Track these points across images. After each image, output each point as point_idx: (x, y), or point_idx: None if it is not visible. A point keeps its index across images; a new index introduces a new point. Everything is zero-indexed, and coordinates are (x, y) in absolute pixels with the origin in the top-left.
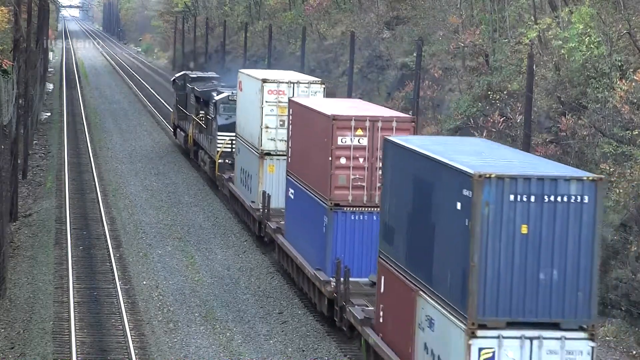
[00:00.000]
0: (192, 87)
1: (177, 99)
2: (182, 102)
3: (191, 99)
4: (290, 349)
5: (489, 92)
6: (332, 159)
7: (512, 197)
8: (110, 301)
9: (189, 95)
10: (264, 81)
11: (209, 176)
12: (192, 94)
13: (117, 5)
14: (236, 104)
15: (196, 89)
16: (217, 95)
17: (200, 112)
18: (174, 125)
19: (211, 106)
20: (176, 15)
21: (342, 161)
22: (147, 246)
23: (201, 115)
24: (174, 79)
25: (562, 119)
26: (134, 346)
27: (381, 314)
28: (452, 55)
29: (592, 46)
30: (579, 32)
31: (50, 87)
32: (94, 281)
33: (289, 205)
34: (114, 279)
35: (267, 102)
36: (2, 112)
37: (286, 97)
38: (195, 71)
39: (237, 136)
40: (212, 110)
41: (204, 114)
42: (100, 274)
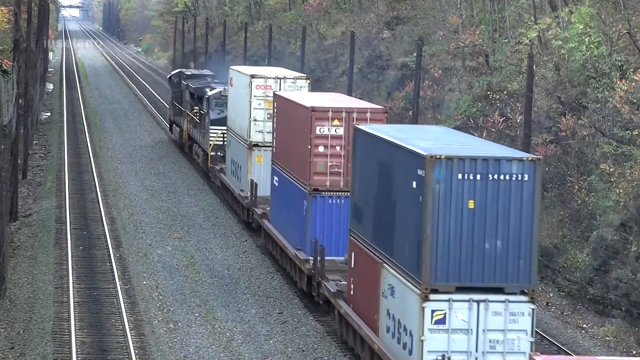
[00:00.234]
0: (187, 84)
1: (173, 95)
2: (178, 99)
3: (186, 96)
4: (290, 349)
5: (489, 92)
6: (311, 147)
7: (460, 176)
8: (110, 301)
9: (184, 91)
10: (252, 77)
11: (202, 168)
12: (187, 90)
13: (117, 5)
14: (227, 99)
15: (191, 86)
16: (210, 91)
17: (194, 107)
18: (169, 120)
19: (204, 102)
20: (176, 15)
21: (321, 149)
22: (147, 246)
23: (195, 110)
24: (169, 77)
25: (562, 119)
26: (134, 346)
27: (352, 286)
28: (452, 55)
29: (592, 46)
30: (579, 32)
31: (50, 87)
32: (94, 281)
33: (274, 192)
34: (114, 279)
35: (255, 96)
36: (2, 112)
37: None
38: (190, 69)
39: (228, 129)
40: (205, 105)
41: (198, 110)
42: (100, 274)
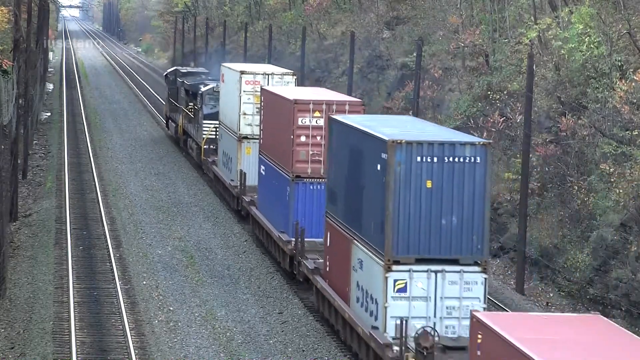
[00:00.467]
0: (182, 81)
1: (169, 92)
2: (174, 95)
3: (181, 92)
4: (290, 349)
5: (489, 92)
6: (293, 137)
7: (418, 159)
8: (110, 301)
9: (180, 88)
10: (242, 73)
11: (196, 161)
12: (182, 87)
13: (117, 5)
14: (219, 94)
15: (186, 83)
16: (203, 87)
17: (189, 103)
18: (166, 116)
19: (198, 97)
20: (176, 15)
21: (302, 139)
22: (147, 246)
23: (190, 106)
24: (166, 74)
25: (562, 119)
26: (134, 346)
27: (327, 263)
28: (452, 55)
29: (592, 46)
30: (579, 32)
31: (50, 87)
32: (94, 281)
33: (261, 180)
34: (114, 279)
35: (244, 91)
36: (2, 112)
37: None
38: (186, 67)
39: (220, 123)
40: (198, 101)
41: (192, 105)
42: (100, 274)
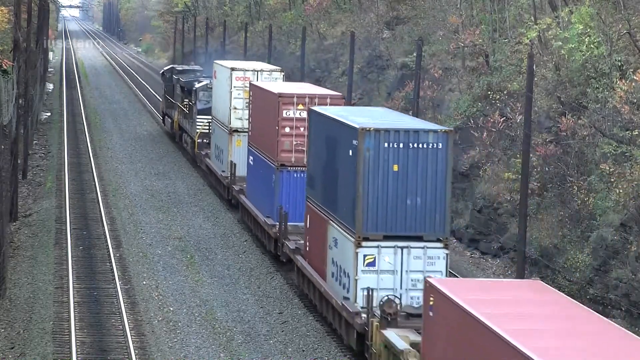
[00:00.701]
0: (178, 78)
1: (165, 89)
2: (170, 92)
3: (177, 89)
4: (290, 349)
5: (489, 92)
6: (278, 128)
7: (386, 145)
8: (110, 301)
9: (175, 85)
10: (233, 69)
11: (190, 155)
12: (178, 84)
13: (117, 5)
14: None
15: (181, 80)
16: (197, 84)
17: (184, 100)
18: (162, 113)
19: (192, 93)
20: (176, 15)
21: (287, 130)
22: (147, 246)
23: (185, 102)
24: (162, 72)
25: (562, 119)
26: (134, 346)
27: (307, 244)
28: (452, 55)
29: (592, 46)
30: (579, 32)
31: (50, 87)
32: (94, 281)
33: (249, 170)
34: (114, 279)
35: (235, 87)
36: (2, 112)
37: None
38: (181, 65)
39: (213, 118)
40: (193, 97)
41: (187, 102)
42: (100, 274)
